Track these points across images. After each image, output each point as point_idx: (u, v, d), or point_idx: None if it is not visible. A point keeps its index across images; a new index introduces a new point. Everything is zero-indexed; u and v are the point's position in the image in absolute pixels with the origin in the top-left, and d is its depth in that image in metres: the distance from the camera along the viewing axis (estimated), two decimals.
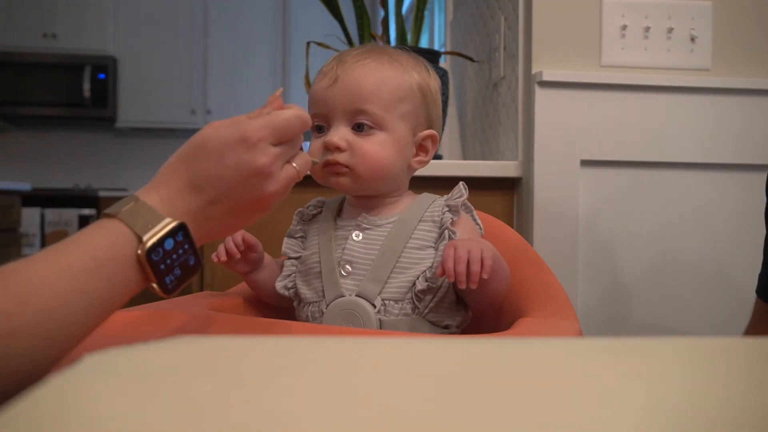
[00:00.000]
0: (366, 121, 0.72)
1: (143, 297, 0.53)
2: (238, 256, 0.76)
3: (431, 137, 0.77)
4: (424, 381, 0.26)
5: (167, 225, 0.49)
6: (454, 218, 0.75)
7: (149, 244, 0.48)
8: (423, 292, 0.71)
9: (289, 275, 0.78)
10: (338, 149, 0.72)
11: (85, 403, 0.22)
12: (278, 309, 0.84)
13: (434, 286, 0.71)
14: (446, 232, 0.73)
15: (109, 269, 0.46)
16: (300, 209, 0.82)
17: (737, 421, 0.21)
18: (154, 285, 0.49)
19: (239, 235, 0.76)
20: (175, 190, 0.52)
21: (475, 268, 0.64)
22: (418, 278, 0.71)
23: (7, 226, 3.22)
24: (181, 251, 0.50)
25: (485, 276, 0.64)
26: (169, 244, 0.49)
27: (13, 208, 3.29)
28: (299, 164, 0.57)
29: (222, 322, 0.64)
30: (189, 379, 0.25)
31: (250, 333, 0.61)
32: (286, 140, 0.55)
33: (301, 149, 0.59)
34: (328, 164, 0.73)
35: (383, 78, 0.73)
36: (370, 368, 0.27)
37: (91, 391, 0.23)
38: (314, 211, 0.82)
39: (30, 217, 3.66)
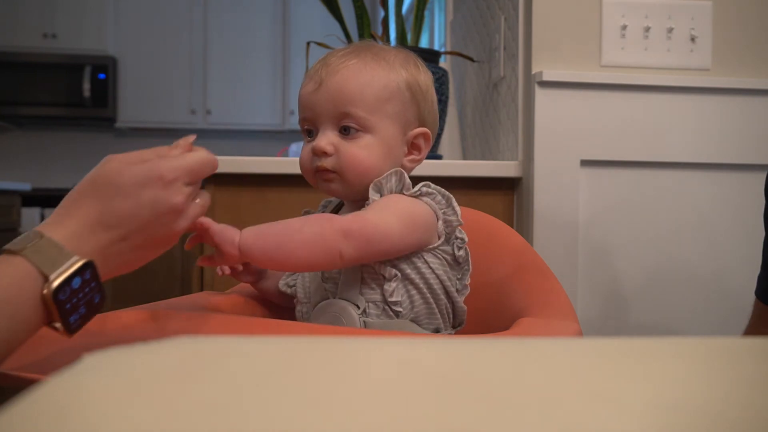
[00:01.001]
0: (352, 124, 0.71)
1: (144, 297, 0.53)
2: (240, 268, 0.77)
3: (423, 135, 0.76)
4: (423, 381, 0.26)
5: (75, 263, 0.48)
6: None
7: (56, 283, 0.46)
8: (394, 293, 0.69)
9: (292, 273, 0.78)
10: (325, 154, 0.72)
11: (85, 403, 0.22)
12: (278, 309, 0.84)
13: (396, 278, 0.70)
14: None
15: (13, 308, 0.45)
16: (306, 210, 0.82)
17: (737, 421, 0.21)
18: (57, 325, 0.48)
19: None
20: (84, 226, 0.51)
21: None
22: (390, 285, 0.69)
23: (7, 226, 3.23)
24: (87, 289, 0.50)
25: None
26: (76, 282, 0.48)
27: (13, 208, 3.30)
28: (202, 202, 0.59)
29: (222, 322, 0.64)
30: (189, 379, 0.25)
31: (250, 333, 0.61)
32: (196, 181, 0.57)
33: (201, 187, 0.61)
34: (318, 170, 0.73)
35: (367, 79, 0.72)
36: (369, 368, 0.27)
37: (91, 391, 0.23)
38: (321, 211, 0.83)
39: (30, 217, 3.66)
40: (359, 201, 0.76)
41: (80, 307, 0.49)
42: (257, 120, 4.37)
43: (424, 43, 2.53)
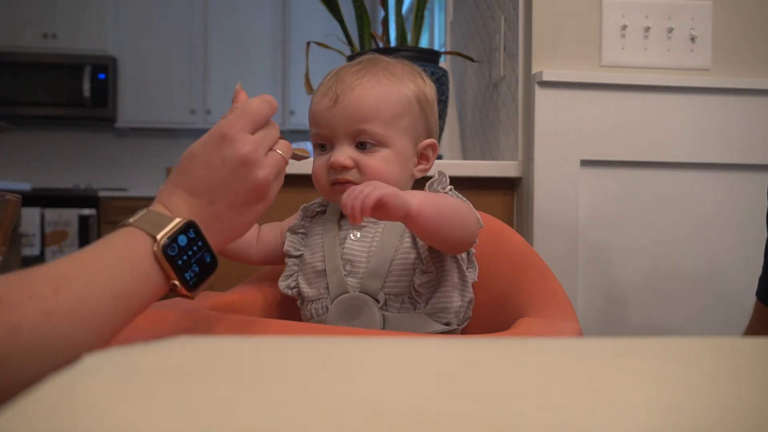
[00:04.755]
0: (369, 140, 0.74)
1: None
2: None
3: (432, 146, 0.79)
4: (423, 381, 0.26)
5: (178, 223, 0.53)
6: None
7: (163, 240, 0.51)
8: (422, 285, 0.72)
9: (292, 275, 0.79)
10: (345, 168, 0.74)
11: (85, 403, 0.22)
12: (280, 309, 0.84)
13: (431, 273, 0.72)
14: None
15: (131, 263, 0.50)
16: (305, 205, 0.83)
17: (737, 421, 0.21)
18: (176, 282, 0.52)
19: None
20: (176, 198, 0.55)
21: (359, 199, 0.61)
22: (415, 272, 0.72)
23: None
24: (195, 248, 0.54)
25: (370, 204, 0.61)
26: (182, 240, 0.52)
27: None
28: (282, 149, 0.60)
29: (222, 322, 0.64)
30: (189, 379, 0.25)
31: (250, 333, 0.61)
32: (260, 125, 0.58)
33: (282, 137, 0.61)
34: (336, 183, 0.74)
35: (382, 95, 0.74)
36: (369, 368, 0.27)
37: (91, 391, 0.23)
38: (318, 209, 0.83)
39: (30, 217, 3.66)
40: None
41: (192, 265, 0.53)
42: None
43: (424, 43, 2.53)
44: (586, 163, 1.25)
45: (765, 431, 0.20)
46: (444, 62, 1.74)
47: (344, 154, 0.74)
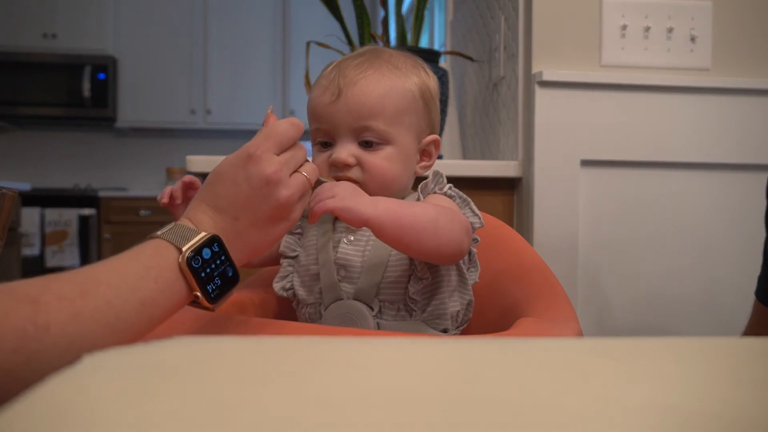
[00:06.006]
0: (372, 138, 0.72)
1: None
2: (179, 200, 0.73)
3: (434, 142, 0.77)
4: (424, 381, 0.26)
5: (203, 237, 0.55)
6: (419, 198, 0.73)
7: (188, 252, 0.54)
8: (417, 293, 0.70)
9: (287, 276, 0.77)
10: (347, 166, 0.71)
11: (85, 403, 0.22)
12: (279, 309, 0.84)
13: (426, 280, 0.70)
14: None
15: (156, 272, 0.52)
16: None
17: (737, 421, 0.21)
18: (198, 294, 0.54)
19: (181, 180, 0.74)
20: (203, 213, 0.58)
21: (315, 202, 0.61)
22: (410, 279, 0.70)
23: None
24: (218, 261, 0.56)
25: (317, 212, 0.61)
26: (206, 253, 0.55)
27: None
28: (307, 171, 0.61)
29: (223, 322, 0.64)
30: (189, 379, 0.25)
31: (251, 333, 0.61)
32: (286, 147, 0.60)
33: (307, 160, 0.62)
34: (338, 180, 0.71)
35: (386, 90, 0.72)
36: (369, 368, 0.27)
37: (91, 391, 0.23)
38: None
39: (30, 217, 3.66)
40: None
41: (215, 278, 0.56)
42: (257, 120, 4.35)
43: (424, 43, 2.53)
44: (586, 163, 1.25)
45: (765, 431, 0.20)
46: (444, 62, 1.74)
47: (346, 150, 0.71)
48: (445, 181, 0.75)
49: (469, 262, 0.76)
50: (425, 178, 0.77)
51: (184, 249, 0.54)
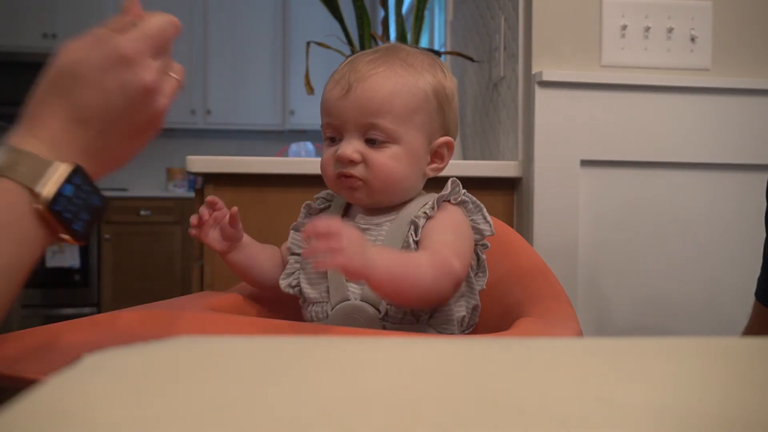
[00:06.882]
0: (379, 136, 0.70)
1: (144, 297, 0.53)
2: (207, 217, 0.72)
3: (447, 144, 0.76)
4: (424, 381, 0.26)
5: (63, 172, 0.45)
6: (430, 213, 0.71)
7: (46, 195, 0.44)
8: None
9: (293, 273, 0.76)
10: (351, 162, 0.70)
11: (85, 403, 0.22)
12: (279, 308, 0.84)
13: None
14: (411, 226, 0.71)
15: (15, 231, 0.44)
16: (308, 202, 0.81)
17: (737, 421, 0.21)
18: (65, 236, 0.47)
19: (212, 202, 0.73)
20: (58, 129, 0.47)
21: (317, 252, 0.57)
22: None
23: None
24: (82, 194, 0.47)
25: (317, 266, 0.59)
26: (68, 190, 0.45)
27: None
28: (177, 73, 0.54)
29: (222, 322, 0.64)
30: (189, 379, 0.25)
31: (250, 333, 0.61)
32: (162, 50, 0.51)
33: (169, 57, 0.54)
34: (342, 176, 0.71)
35: (396, 88, 0.70)
36: (370, 368, 0.27)
37: (91, 391, 0.23)
38: (322, 205, 0.80)
39: None
40: (375, 209, 0.75)
41: (81, 213, 0.47)
42: (257, 120, 4.36)
43: (424, 43, 2.53)
44: (586, 163, 1.25)
45: (764, 431, 0.20)
46: (444, 62, 1.73)
47: (352, 147, 0.70)
48: (461, 189, 0.74)
49: (477, 268, 0.75)
50: (438, 179, 0.76)
51: (41, 192, 0.44)
